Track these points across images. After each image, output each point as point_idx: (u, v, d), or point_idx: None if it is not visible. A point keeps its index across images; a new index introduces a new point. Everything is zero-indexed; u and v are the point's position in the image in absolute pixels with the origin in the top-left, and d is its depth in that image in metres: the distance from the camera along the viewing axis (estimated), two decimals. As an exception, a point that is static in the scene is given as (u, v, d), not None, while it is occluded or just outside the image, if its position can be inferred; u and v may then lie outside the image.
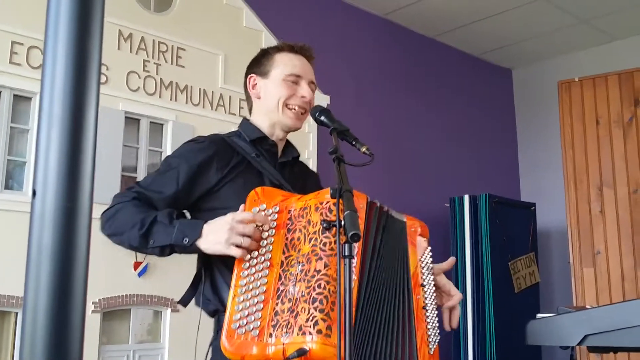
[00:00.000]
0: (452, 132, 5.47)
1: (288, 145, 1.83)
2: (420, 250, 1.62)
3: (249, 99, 1.82)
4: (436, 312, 1.59)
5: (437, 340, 1.55)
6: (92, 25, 0.45)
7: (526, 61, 5.95)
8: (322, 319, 1.28)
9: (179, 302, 1.62)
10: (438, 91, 5.44)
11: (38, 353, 0.39)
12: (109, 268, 2.95)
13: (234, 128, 1.83)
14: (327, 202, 1.42)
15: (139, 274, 3.06)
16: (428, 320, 1.54)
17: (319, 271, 1.35)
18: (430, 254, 1.65)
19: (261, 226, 1.45)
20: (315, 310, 1.30)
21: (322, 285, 1.32)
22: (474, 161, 5.57)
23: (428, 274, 1.61)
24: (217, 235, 1.42)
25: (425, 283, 1.57)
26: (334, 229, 1.23)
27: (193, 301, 1.65)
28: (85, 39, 0.44)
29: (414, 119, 5.15)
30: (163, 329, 3.18)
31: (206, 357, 1.55)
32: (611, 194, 3.92)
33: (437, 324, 1.57)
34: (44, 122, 0.43)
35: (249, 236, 1.41)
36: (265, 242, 1.45)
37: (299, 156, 1.85)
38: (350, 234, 1.15)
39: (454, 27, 5.21)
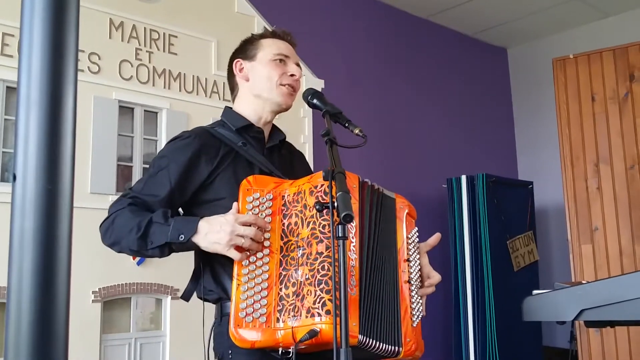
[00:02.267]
0: (448, 113, 5.46)
1: (273, 129, 1.82)
2: (408, 229, 1.64)
3: (234, 85, 1.81)
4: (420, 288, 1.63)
5: (420, 316, 1.58)
6: (67, 8, 0.45)
7: (521, 40, 5.93)
8: (329, 300, 1.31)
9: (181, 297, 1.63)
10: (433, 72, 5.42)
11: (23, 335, 0.39)
12: (108, 258, 2.96)
13: (227, 115, 1.83)
14: (322, 186, 1.44)
15: (138, 263, 3.07)
16: (412, 294, 1.57)
17: (321, 253, 1.38)
18: (417, 234, 1.67)
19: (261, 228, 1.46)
20: (322, 292, 1.33)
21: (326, 267, 1.36)
22: (470, 141, 5.57)
23: (414, 251, 1.63)
24: (217, 236, 1.42)
25: (410, 259, 1.60)
26: (327, 210, 1.24)
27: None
28: (60, 22, 0.44)
29: (409, 101, 5.14)
30: (164, 316, 3.20)
31: (208, 343, 1.57)
32: (608, 171, 3.92)
33: (420, 300, 1.60)
34: (22, 107, 0.43)
35: (250, 237, 1.42)
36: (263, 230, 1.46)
37: (285, 138, 1.84)
38: (342, 214, 1.16)
39: (448, 7, 5.18)
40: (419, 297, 1.61)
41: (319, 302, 1.33)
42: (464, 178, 4.64)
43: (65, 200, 0.41)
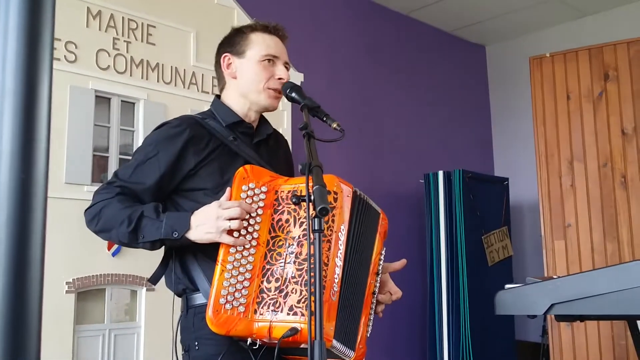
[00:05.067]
0: (426, 109, 5.50)
1: (262, 121, 1.83)
2: (381, 245, 1.68)
3: (221, 78, 1.80)
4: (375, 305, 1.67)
5: (370, 330, 1.63)
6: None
7: (499, 37, 5.98)
8: (313, 301, 1.32)
9: (148, 280, 1.64)
10: (412, 68, 5.45)
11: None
12: (83, 248, 2.94)
13: (207, 106, 1.82)
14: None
15: (113, 254, 3.05)
16: (372, 306, 1.62)
17: (311, 255, 1.38)
18: (384, 254, 1.72)
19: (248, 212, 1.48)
20: (308, 293, 1.33)
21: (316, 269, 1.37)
22: (447, 137, 5.62)
23: (380, 268, 1.67)
24: (207, 226, 1.44)
25: (379, 273, 1.64)
26: (304, 203, 1.25)
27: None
28: (36, 9, 0.44)
29: (388, 96, 5.17)
30: (139, 308, 3.18)
31: (175, 336, 1.58)
32: (581, 168, 3.98)
33: (374, 315, 1.65)
34: (-4, 95, 0.43)
35: (236, 218, 1.43)
36: (253, 220, 1.47)
37: (272, 132, 1.85)
38: (318, 208, 1.17)
39: (428, 4, 5.21)
40: (374, 311, 1.65)
41: (303, 302, 1.35)
42: (441, 173, 4.68)
43: (39, 189, 0.41)
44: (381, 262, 1.67)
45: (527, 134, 5.05)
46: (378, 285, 1.66)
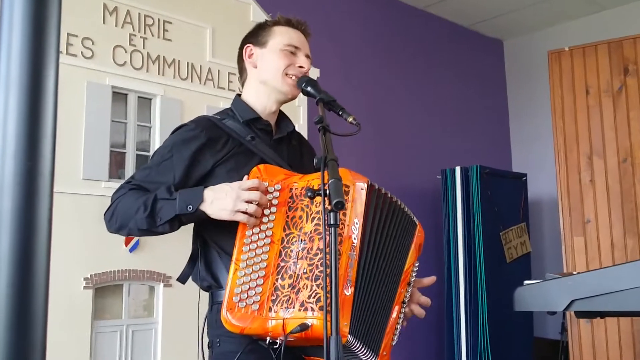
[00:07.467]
0: (443, 104, 5.46)
1: (282, 118, 1.82)
2: (415, 258, 1.67)
3: (243, 71, 1.80)
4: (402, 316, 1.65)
5: (397, 340, 1.62)
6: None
7: (517, 32, 5.92)
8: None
9: (178, 280, 1.65)
10: (429, 63, 5.41)
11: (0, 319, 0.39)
12: (100, 244, 2.96)
13: (223, 102, 1.83)
14: None
15: (130, 250, 3.07)
16: (401, 315, 1.60)
17: (321, 250, 1.37)
18: (417, 267, 1.71)
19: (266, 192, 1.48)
20: (318, 288, 1.34)
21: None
22: (465, 133, 5.57)
23: (412, 281, 1.66)
24: (223, 202, 1.44)
25: (411, 283, 1.63)
26: (318, 198, 1.24)
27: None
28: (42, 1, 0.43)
29: (404, 91, 5.13)
30: (156, 303, 3.19)
31: (202, 331, 1.59)
32: (601, 164, 3.93)
33: (401, 327, 1.64)
34: (1, 84, 0.42)
35: (254, 202, 1.44)
36: (267, 218, 1.47)
37: (294, 129, 1.84)
38: (334, 201, 1.16)
39: (444, -2, 5.17)
40: (402, 322, 1.64)
41: (313, 297, 1.33)
42: (458, 169, 4.65)
43: (45, 177, 0.41)
44: (414, 274, 1.66)
45: (545, 129, 4.99)
46: (409, 296, 1.64)
